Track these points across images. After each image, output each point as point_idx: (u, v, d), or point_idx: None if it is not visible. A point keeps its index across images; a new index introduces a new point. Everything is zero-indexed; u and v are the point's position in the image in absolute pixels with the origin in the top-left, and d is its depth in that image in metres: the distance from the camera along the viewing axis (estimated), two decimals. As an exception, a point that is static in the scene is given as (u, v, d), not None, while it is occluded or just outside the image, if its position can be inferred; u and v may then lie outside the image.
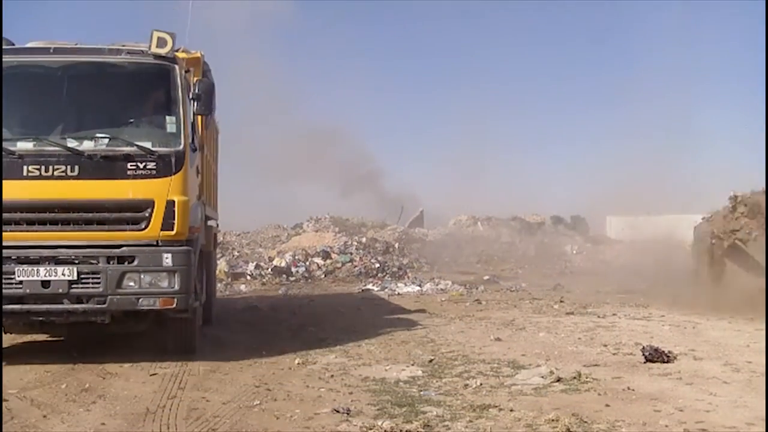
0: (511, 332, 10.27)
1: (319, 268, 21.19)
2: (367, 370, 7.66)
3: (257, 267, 20.76)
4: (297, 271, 20.54)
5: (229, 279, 19.10)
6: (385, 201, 37.92)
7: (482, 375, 7.30)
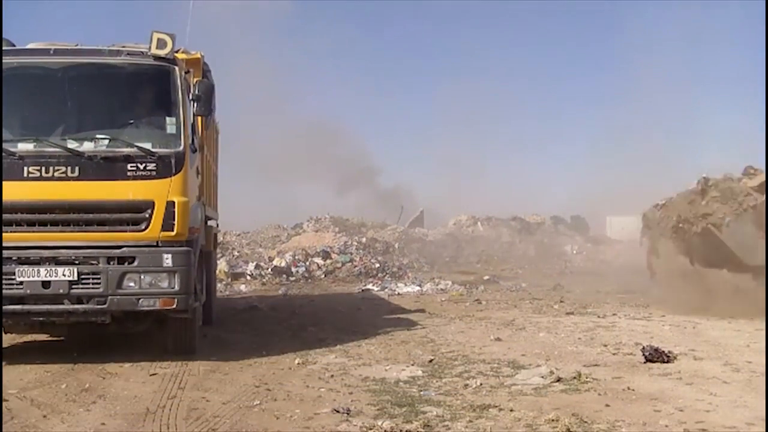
0: (511, 332, 10.27)
1: (319, 268, 21.19)
2: (367, 370, 7.67)
3: (257, 267, 20.77)
4: (297, 271, 20.54)
5: (229, 279, 19.11)
6: (383, 198, 37.88)
7: (482, 375, 7.30)
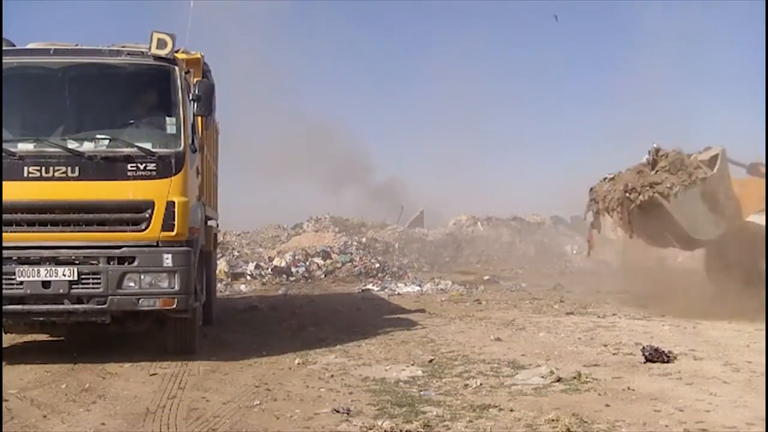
0: (511, 332, 10.27)
1: (319, 268, 21.17)
2: (367, 370, 7.67)
3: (257, 267, 20.75)
4: (297, 271, 20.53)
5: (229, 279, 19.10)
6: (378, 195, 37.75)
7: (482, 375, 7.30)
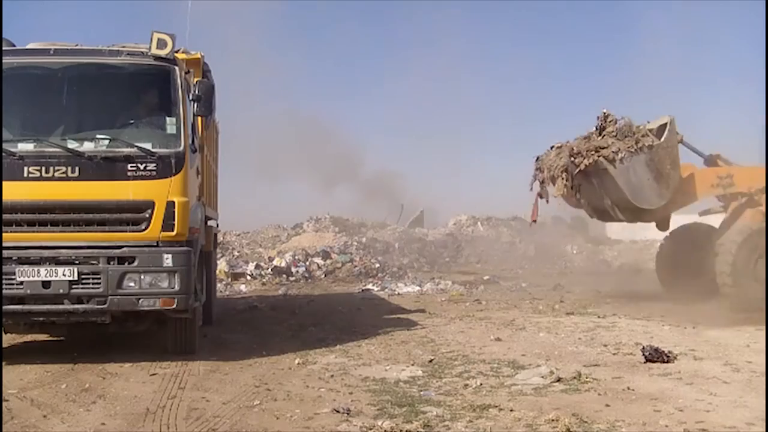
0: (511, 332, 10.27)
1: (319, 268, 21.16)
2: (367, 370, 7.67)
3: (257, 267, 20.74)
4: (297, 271, 20.51)
5: (229, 279, 19.10)
6: (371, 190, 37.64)
7: (482, 375, 7.31)
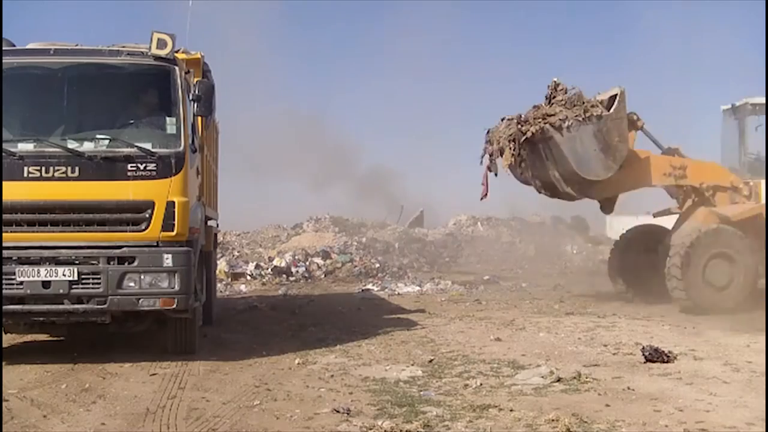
0: (511, 332, 10.27)
1: (319, 268, 21.15)
2: (367, 370, 7.67)
3: (257, 267, 20.73)
4: (297, 271, 20.50)
5: (229, 279, 19.09)
6: (366, 187, 37.48)
7: (482, 375, 7.30)
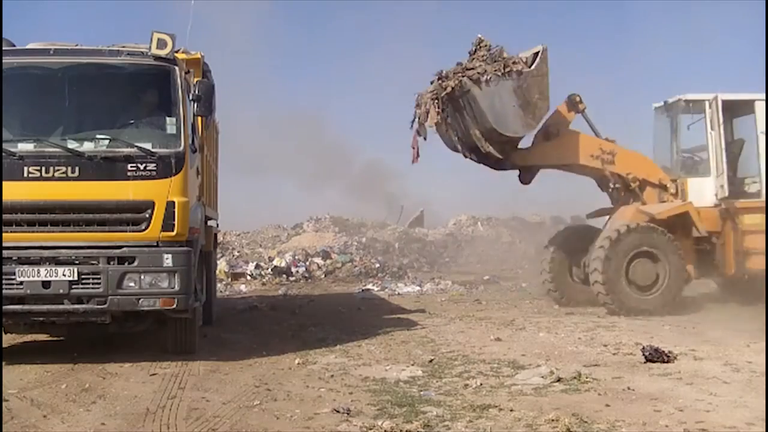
0: (511, 332, 10.27)
1: (319, 268, 21.16)
2: (367, 370, 7.67)
3: (257, 267, 20.74)
4: (297, 271, 20.52)
5: (229, 279, 19.11)
6: (361, 183, 37.49)
7: (482, 375, 7.30)
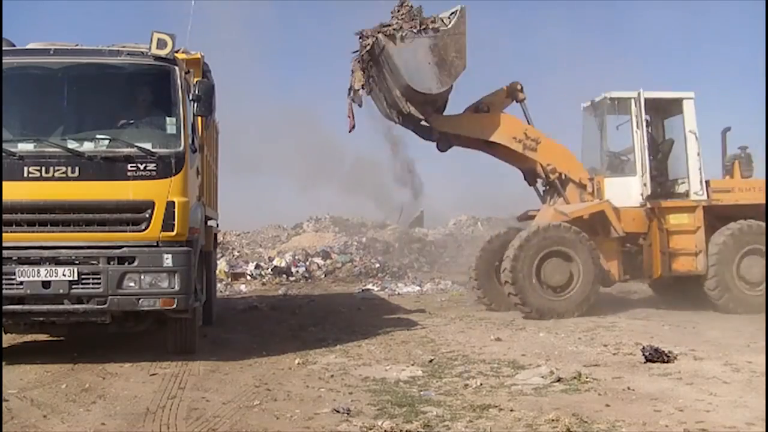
0: (511, 332, 10.27)
1: (319, 268, 21.16)
2: (367, 370, 7.67)
3: (257, 267, 20.75)
4: (297, 271, 20.52)
5: (229, 279, 19.12)
6: (355, 181, 37.38)
7: (482, 375, 7.30)
